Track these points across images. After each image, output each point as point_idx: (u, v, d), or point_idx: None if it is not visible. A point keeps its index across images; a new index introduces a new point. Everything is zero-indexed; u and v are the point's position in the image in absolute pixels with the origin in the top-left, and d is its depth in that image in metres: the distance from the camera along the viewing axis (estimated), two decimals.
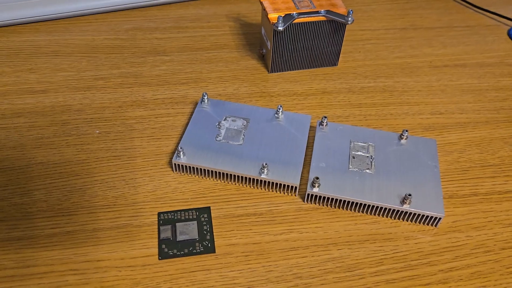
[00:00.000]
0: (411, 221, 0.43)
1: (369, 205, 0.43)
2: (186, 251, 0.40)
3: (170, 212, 0.43)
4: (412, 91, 0.57)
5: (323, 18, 0.54)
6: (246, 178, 0.45)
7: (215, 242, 0.41)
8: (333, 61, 0.60)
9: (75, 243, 0.40)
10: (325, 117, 0.49)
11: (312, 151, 0.47)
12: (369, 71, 0.60)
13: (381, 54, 0.63)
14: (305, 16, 0.53)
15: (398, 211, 0.43)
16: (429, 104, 0.55)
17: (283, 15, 0.52)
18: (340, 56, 0.60)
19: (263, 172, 0.44)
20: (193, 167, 0.45)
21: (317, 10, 0.54)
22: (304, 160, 0.46)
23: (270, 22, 0.53)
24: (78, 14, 0.66)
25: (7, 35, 0.63)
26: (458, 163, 0.49)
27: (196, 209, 0.43)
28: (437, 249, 0.41)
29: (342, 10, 0.55)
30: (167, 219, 0.42)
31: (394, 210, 0.43)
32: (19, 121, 0.51)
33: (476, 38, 0.66)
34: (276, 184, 0.44)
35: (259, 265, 0.40)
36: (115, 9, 0.67)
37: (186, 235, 0.41)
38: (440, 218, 0.42)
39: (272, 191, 0.45)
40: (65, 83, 0.56)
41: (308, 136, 0.48)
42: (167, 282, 0.38)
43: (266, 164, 0.44)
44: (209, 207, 0.43)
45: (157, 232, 0.41)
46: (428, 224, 0.43)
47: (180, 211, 0.43)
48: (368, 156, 0.46)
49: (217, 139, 0.47)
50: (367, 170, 0.45)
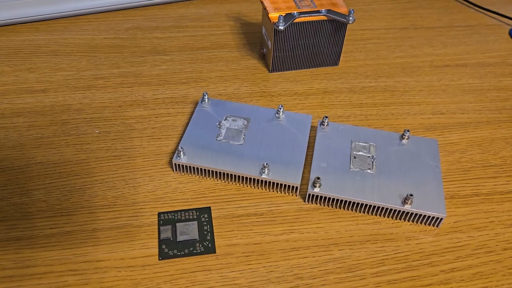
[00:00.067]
0: (413, 221, 0.43)
1: (370, 205, 0.43)
2: (186, 251, 0.40)
3: (170, 212, 0.43)
4: (413, 91, 0.57)
5: (324, 18, 0.54)
6: (246, 178, 0.44)
7: (215, 243, 0.41)
8: (334, 60, 0.59)
9: (74, 243, 0.40)
10: (326, 117, 0.49)
11: (313, 151, 0.47)
12: (370, 70, 0.60)
13: (382, 53, 0.62)
14: (306, 15, 0.53)
15: (400, 211, 0.42)
16: (430, 104, 0.55)
17: (284, 15, 0.52)
18: (341, 55, 0.60)
19: (263, 172, 0.44)
20: (194, 167, 0.45)
21: (318, 9, 0.53)
22: (305, 160, 0.46)
23: (271, 21, 0.53)
24: (78, 13, 0.65)
25: (7, 35, 0.62)
26: (459, 163, 0.49)
27: (197, 209, 0.43)
28: (439, 249, 0.41)
29: (343, 10, 0.54)
30: (167, 219, 0.42)
31: (395, 210, 0.42)
32: (18, 121, 0.50)
33: (477, 38, 0.66)
34: (277, 184, 0.44)
35: (260, 266, 0.39)
36: (115, 8, 0.67)
37: (187, 235, 0.41)
38: (442, 219, 0.42)
39: (273, 191, 0.45)
40: (65, 82, 0.55)
41: (309, 136, 0.48)
42: (167, 283, 0.38)
43: (266, 164, 0.43)
44: (210, 207, 0.43)
45: (157, 232, 0.41)
46: (429, 225, 0.43)
47: (180, 211, 0.43)
48: (369, 156, 0.46)
49: (218, 139, 0.47)
50: (368, 170, 0.45)
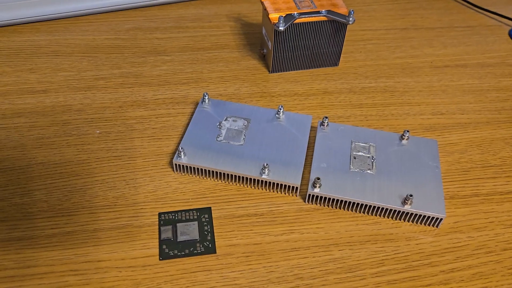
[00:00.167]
0: (412, 221, 0.43)
1: (370, 206, 0.43)
2: (186, 251, 0.40)
3: (171, 212, 0.43)
4: (413, 92, 0.57)
5: (324, 18, 0.54)
6: (247, 178, 0.44)
7: (215, 243, 0.41)
8: (334, 61, 0.59)
9: (75, 243, 0.40)
10: (326, 118, 0.49)
11: (313, 151, 0.47)
12: (370, 71, 0.60)
13: (382, 54, 0.63)
14: (306, 16, 0.53)
15: (399, 211, 0.43)
16: (430, 104, 0.55)
17: (284, 15, 0.52)
18: (341, 56, 0.60)
19: (264, 173, 0.44)
20: (194, 168, 0.45)
21: (318, 10, 0.54)
22: (305, 161, 0.46)
23: (271, 22, 0.53)
24: (79, 14, 0.66)
25: (8, 35, 0.62)
26: (459, 163, 0.49)
27: (197, 210, 0.43)
28: (439, 249, 0.41)
29: (343, 10, 0.55)
30: (168, 220, 0.42)
31: (395, 210, 0.42)
32: (19, 121, 0.50)
33: (477, 39, 0.66)
34: (277, 184, 0.44)
35: (260, 266, 0.40)
36: (115, 9, 0.67)
37: (187, 235, 0.41)
38: (442, 219, 0.42)
39: (273, 192, 0.45)
40: (66, 83, 0.56)
41: (309, 137, 0.48)
42: (167, 283, 0.38)
43: (267, 164, 0.44)
44: (210, 208, 0.43)
45: (157, 233, 0.41)
46: (429, 225, 0.43)
47: (181, 211, 0.43)
48: (369, 157, 0.46)
49: (218, 139, 0.47)
50: (368, 171, 0.45)
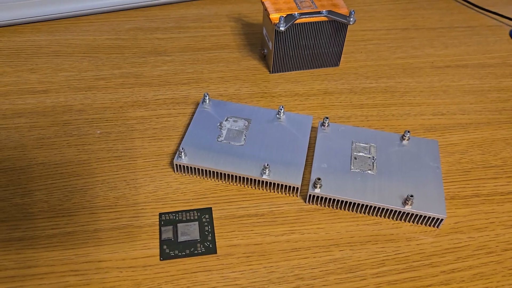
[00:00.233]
0: (413, 222, 0.43)
1: (371, 206, 0.43)
2: (187, 252, 0.40)
3: (172, 212, 0.43)
4: (414, 92, 0.57)
5: (325, 19, 0.54)
6: (247, 178, 0.44)
7: (216, 243, 0.41)
8: (335, 61, 0.59)
9: (76, 243, 0.40)
10: (327, 118, 0.49)
11: (313, 151, 0.47)
12: (371, 71, 0.60)
13: (383, 54, 0.63)
14: (307, 16, 0.53)
15: (400, 212, 0.42)
16: (431, 105, 0.55)
17: (284, 16, 0.52)
18: (342, 56, 0.60)
19: (264, 173, 0.44)
20: (195, 168, 0.45)
21: (319, 10, 0.54)
22: (306, 161, 0.46)
23: (271, 22, 0.53)
24: (79, 14, 0.66)
25: (8, 35, 0.62)
26: (460, 164, 0.49)
27: (198, 210, 0.43)
28: (439, 250, 0.41)
29: (343, 11, 0.55)
30: (169, 220, 0.42)
31: (396, 211, 0.42)
32: (20, 121, 0.50)
33: (477, 39, 0.66)
34: (278, 185, 0.44)
35: (261, 266, 0.40)
36: (116, 9, 0.67)
37: (188, 235, 0.41)
38: (442, 219, 0.42)
39: (274, 192, 0.45)
40: (66, 83, 0.56)
41: (310, 137, 0.48)
42: (168, 283, 0.38)
43: (267, 164, 0.43)
44: (211, 208, 0.43)
45: (158, 233, 0.41)
46: (430, 225, 0.43)
47: (182, 211, 0.43)
48: (370, 157, 0.46)
49: (219, 139, 0.47)
50: (369, 171, 0.45)
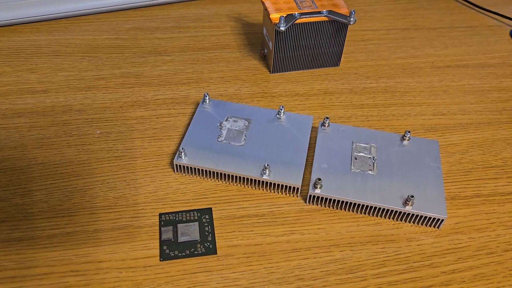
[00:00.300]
0: (413, 222, 0.43)
1: (371, 207, 0.43)
2: (187, 252, 0.40)
3: (172, 213, 0.43)
4: (414, 92, 0.57)
5: (325, 19, 0.54)
6: (247, 179, 0.44)
7: (216, 244, 0.41)
8: (335, 61, 0.59)
9: (75, 244, 0.40)
10: (327, 118, 0.49)
11: (314, 152, 0.47)
12: (371, 71, 0.60)
13: (383, 54, 0.62)
14: (307, 16, 0.53)
15: (401, 212, 0.42)
16: (431, 105, 0.55)
17: (285, 15, 0.52)
18: (342, 56, 0.60)
19: (264, 173, 0.44)
20: (195, 168, 0.45)
21: (319, 10, 0.53)
22: (306, 161, 0.46)
23: (272, 22, 0.53)
24: (79, 13, 0.65)
25: (8, 35, 0.62)
26: (460, 164, 0.49)
27: (198, 210, 0.43)
28: (440, 251, 0.41)
29: (344, 11, 0.54)
30: (169, 220, 0.42)
31: (396, 211, 0.42)
32: (19, 121, 0.50)
33: (478, 39, 0.66)
34: (278, 185, 0.44)
35: (261, 267, 0.39)
36: (116, 8, 0.67)
37: (188, 236, 0.41)
38: (443, 220, 0.42)
39: (274, 192, 0.45)
40: (66, 83, 0.55)
41: (310, 137, 0.48)
42: (168, 284, 0.38)
43: (267, 165, 0.43)
44: (211, 208, 0.43)
45: (158, 233, 0.41)
46: (430, 226, 0.43)
47: (182, 212, 0.43)
48: (370, 157, 0.46)
49: (219, 139, 0.47)
50: (369, 171, 0.45)
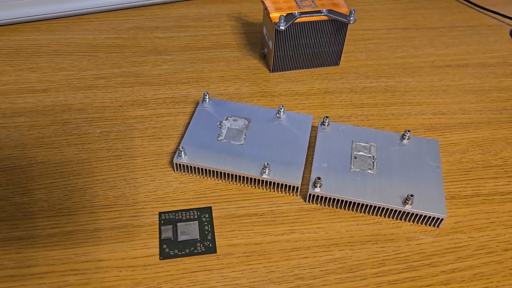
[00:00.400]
0: (413, 221, 0.43)
1: (371, 206, 0.43)
2: (187, 251, 0.40)
3: (171, 212, 0.43)
4: (414, 91, 0.57)
5: (325, 18, 0.54)
6: (247, 178, 0.44)
7: (216, 242, 0.41)
8: (335, 60, 0.59)
9: (75, 243, 0.40)
10: (327, 117, 0.49)
11: (313, 151, 0.47)
12: (371, 71, 0.60)
13: (383, 54, 0.62)
14: (307, 15, 0.53)
15: (400, 211, 0.42)
16: (431, 104, 0.55)
17: (285, 15, 0.52)
18: (342, 55, 0.60)
19: (264, 172, 0.44)
20: (194, 167, 0.45)
21: (319, 9, 0.53)
22: (306, 160, 0.46)
23: (272, 21, 0.53)
24: (79, 13, 0.65)
25: (8, 34, 0.62)
26: (460, 163, 0.49)
27: (197, 209, 0.43)
28: (439, 250, 0.41)
29: (344, 10, 0.54)
30: (168, 219, 0.42)
31: (396, 210, 0.42)
32: (19, 120, 0.50)
33: (478, 38, 0.66)
34: (278, 184, 0.44)
35: (261, 266, 0.39)
36: (116, 8, 0.67)
37: (187, 235, 0.41)
38: (442, 219, 0.42)
39: (274, 191, 0.45)
40: (66, 82, 0.55)
41: (310, 136, 0.48)
42: (168, 283, 0.38)
43: (267, 164, 0.43)
44: (211, 207, 0.43)
45: (158, 232, 0.41)
46: (430, 225, 0.43)
47: (181, 211, 0.43)
48: (370, 157, 0.46)
49: (219, 138, 0.47)
50: (369, 171, 0.45)
